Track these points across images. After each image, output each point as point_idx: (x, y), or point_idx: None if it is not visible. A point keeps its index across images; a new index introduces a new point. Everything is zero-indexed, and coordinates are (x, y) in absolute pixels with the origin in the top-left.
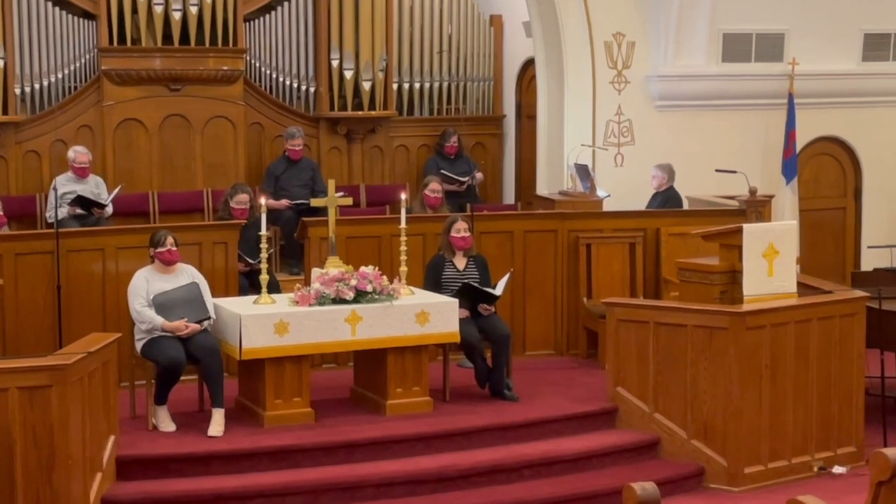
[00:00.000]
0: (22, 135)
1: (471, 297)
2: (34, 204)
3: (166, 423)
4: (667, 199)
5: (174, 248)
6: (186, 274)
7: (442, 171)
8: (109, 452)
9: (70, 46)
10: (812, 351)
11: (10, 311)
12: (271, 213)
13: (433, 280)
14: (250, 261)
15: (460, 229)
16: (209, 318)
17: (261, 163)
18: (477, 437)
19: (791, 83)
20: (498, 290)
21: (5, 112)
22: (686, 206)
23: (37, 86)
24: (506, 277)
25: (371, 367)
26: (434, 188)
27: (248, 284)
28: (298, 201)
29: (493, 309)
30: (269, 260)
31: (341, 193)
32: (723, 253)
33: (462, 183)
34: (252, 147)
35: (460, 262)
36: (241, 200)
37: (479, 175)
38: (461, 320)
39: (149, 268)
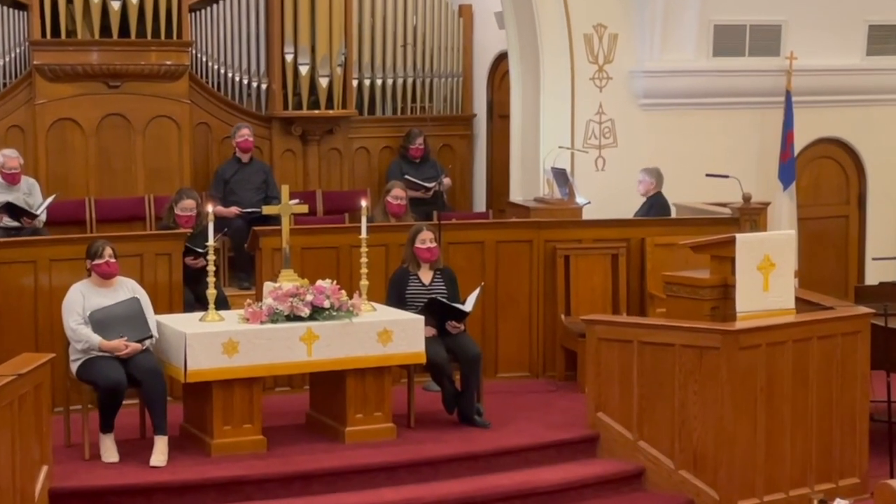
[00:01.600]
0: None
1: (438, 313)
2: None
3: (110, 453)
4: (652, 204)
5: (113, 260)
6: (126, 288)
7: (406, 177)
8: (42, 484)
9: None
10: (812, 373)
11: None
12: (220, 221)
13: (396, 296)
14: (199, 250)
15: (426, 239)
16: (151, 336)
17: (208, 166)
18: (445, 467)
19: (788, 79)
20: (468, 306)
21: None
22: (674, 214)
23: None
24: (476, 292)
25: (329, 390)
26: (397, 195)
27: (194, 299)
28: (249, 209)
29: (462, 327)
30: (216, 273)
31: (296, 200)
32: (714, 265)
33: (428, 189)
34: (198, 149)
35: (426, 275)
36: (186, 207)
37: (446, 180)
38: (427, 339)
39: (85, 282)
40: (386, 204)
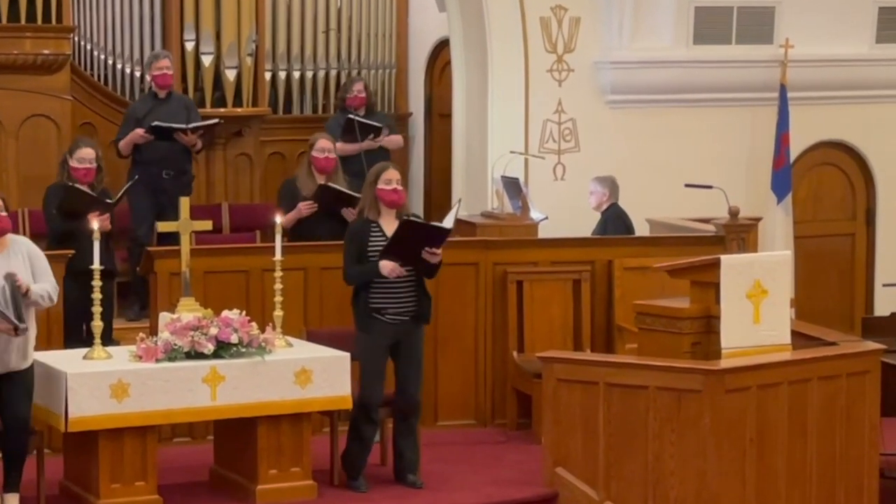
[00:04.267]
0: None
1: (412, 240)
2: None
3: None
4: (608, 219)
5: (3, 214)
6: (19, 251)
7: (350, 116)
8: None
9: None
10: (811, 420)
11: None
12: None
13: (356, 252)
14: (108, 201)
15: (391, 179)
16: (21, 326)
17: None
18: None
19: (783, 72)
20: (447, 223)
21: None
22: (644, 231)
23: None
24: (455, 209)
25: (237, 441)
26: (323, 146)
27: (80, 332)
28: (162, 124)
29: (440, 253)
30: (103, 301)
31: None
32: (695, 293)
33: (378, 134)
34: None
35: (389, 225)
36: (84, 157)
37: (394, 137)
38: (367, 371)
39: None
40: (312, 160)
